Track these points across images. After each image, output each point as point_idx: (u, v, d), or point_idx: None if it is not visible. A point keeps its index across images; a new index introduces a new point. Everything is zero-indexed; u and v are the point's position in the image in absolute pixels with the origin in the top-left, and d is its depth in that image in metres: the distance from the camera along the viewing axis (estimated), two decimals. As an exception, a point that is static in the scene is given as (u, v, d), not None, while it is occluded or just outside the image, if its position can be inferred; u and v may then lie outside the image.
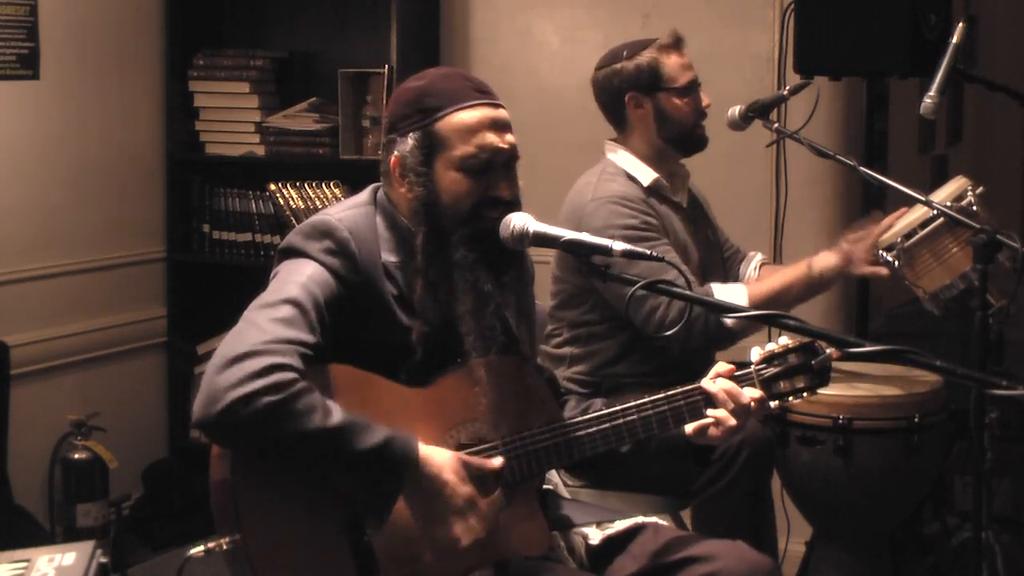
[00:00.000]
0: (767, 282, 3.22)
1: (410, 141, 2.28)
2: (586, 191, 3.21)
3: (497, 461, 2.24)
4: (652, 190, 3.24)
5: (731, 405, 2.27)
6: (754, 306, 3.07)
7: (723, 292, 3.14)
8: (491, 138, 2.26)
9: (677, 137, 3.26)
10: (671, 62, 3.24)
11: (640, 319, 3.09)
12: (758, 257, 3.51)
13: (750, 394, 2.28)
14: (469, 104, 2.28)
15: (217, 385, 2.03)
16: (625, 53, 3.25)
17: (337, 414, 2.08)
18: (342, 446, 2.07)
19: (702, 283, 3.20)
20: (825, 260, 3.17)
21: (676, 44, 3.26)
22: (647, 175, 3.25)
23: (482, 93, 2.30)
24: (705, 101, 3.28)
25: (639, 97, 3.24)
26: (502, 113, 2.30)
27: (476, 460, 2.22)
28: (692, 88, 3.26)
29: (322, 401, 2.08)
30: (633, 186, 3.22)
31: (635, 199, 3.18)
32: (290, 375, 2.05)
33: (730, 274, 3.47)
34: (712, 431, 2.29)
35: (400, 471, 2.11)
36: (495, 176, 2.27)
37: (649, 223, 3.14)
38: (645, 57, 3.23)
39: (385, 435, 2.10)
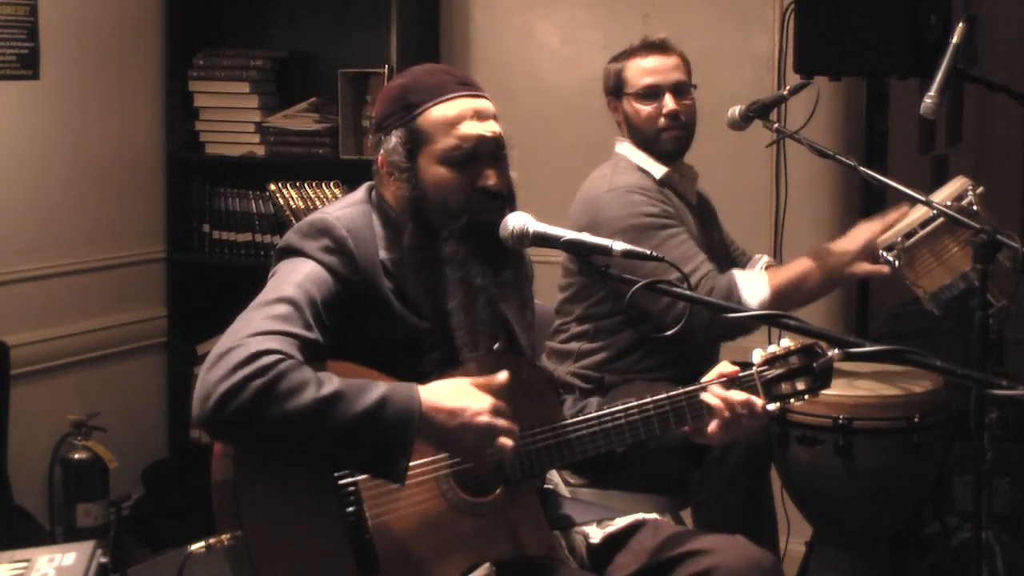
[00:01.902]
0: (785, 270, 3.15)
1: (394, 139, 2.27)
2: (601, 183, 3.22)
3: (502, 375, 2.18)
4: (664, 183, 3.26)
5: (728, 412, 2.27)
6: (775, 293, 3.07)
7: (744, 279, 3.12)
8: (473, 128, 2.24)
9: (642, 143, 3.27)
10: (633, 66, 3.25)
11: (658, 311, 3.04)
12: (764, 259, 3.49)
13: (748, 399, 2.28)
14: (449, 96, 2.26)
15: (208, 381, 2.03)
16: (614, 56, 3.30)
17: (332, 383, 2.05)
18: (340, 410, 2.04)
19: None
20: (842, 249, 3.12)
21: (645, 48, 3.27)
22: (657, 170, 3.26)
23: (463, 85, 2.29)
24: (668, 107, 3.23)
25: (613, 101, 3.31)
26: (483, 103, 2.28)
27: (481, 378, 2.17)
28: (651, 93, 3.23)
29: (315, 375, 2.05)
30: (647, 178, 3.24)
31: (651, 189, 3.20)
32: (274, 357, 2.03)
33: None
34: (712, 430, 2.29)
35: (406, 421, 2.07)
36: (481, 167, 2.25)
37: (667, 211, 3.16)
38: (619, 62, 3.29)
39: (383, 390, 2.08)
